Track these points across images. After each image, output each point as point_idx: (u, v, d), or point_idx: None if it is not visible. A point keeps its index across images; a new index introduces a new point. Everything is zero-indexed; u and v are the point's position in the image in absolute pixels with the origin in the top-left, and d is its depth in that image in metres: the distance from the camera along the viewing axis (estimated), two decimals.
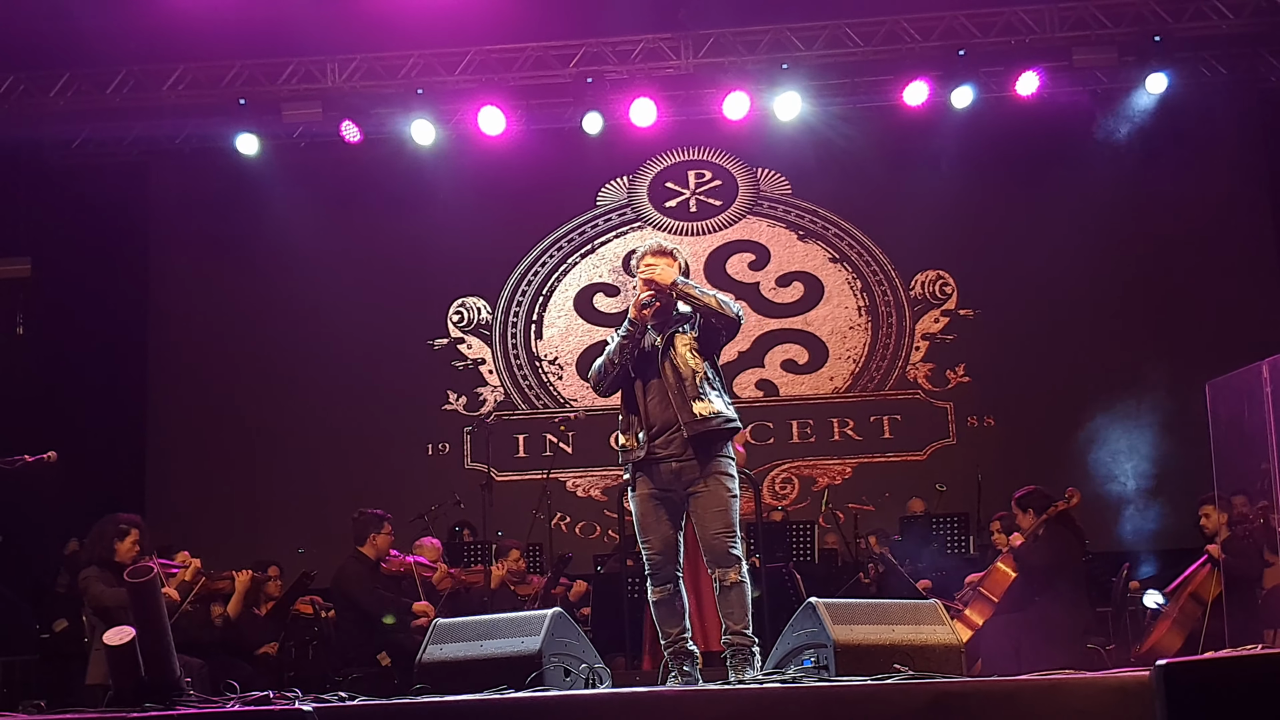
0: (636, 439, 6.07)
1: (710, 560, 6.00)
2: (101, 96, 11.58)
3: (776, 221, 13.12)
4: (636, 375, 6.12)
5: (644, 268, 6.12)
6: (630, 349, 6.11)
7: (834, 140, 12.51)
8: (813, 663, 5.59)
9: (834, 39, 11.41)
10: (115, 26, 10.76)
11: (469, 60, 11.55)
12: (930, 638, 5.67)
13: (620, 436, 6.19)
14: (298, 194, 12.55)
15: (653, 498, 6.06)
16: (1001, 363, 12.52)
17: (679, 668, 6.06)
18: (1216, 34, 11.25)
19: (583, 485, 12.77)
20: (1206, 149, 12.01)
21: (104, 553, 7.77)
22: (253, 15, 10.62)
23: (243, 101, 11.65)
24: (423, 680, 5.69)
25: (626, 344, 6.11)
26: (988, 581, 8.78)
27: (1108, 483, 10.48)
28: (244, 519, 12.39)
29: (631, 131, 12.06)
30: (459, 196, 12.53)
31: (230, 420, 12.81)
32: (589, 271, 13.20)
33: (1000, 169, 12.45)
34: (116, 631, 5.31)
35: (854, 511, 11.70)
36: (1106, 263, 12.20)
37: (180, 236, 13.14)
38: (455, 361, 13.09)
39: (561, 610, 6.01)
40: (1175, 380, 10.26)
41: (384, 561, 8.85)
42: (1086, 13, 11.16)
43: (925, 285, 12.92)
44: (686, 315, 6.16)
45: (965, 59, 11.30)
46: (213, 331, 12.98)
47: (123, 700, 5.25)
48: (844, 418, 12.70)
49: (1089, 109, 11.94)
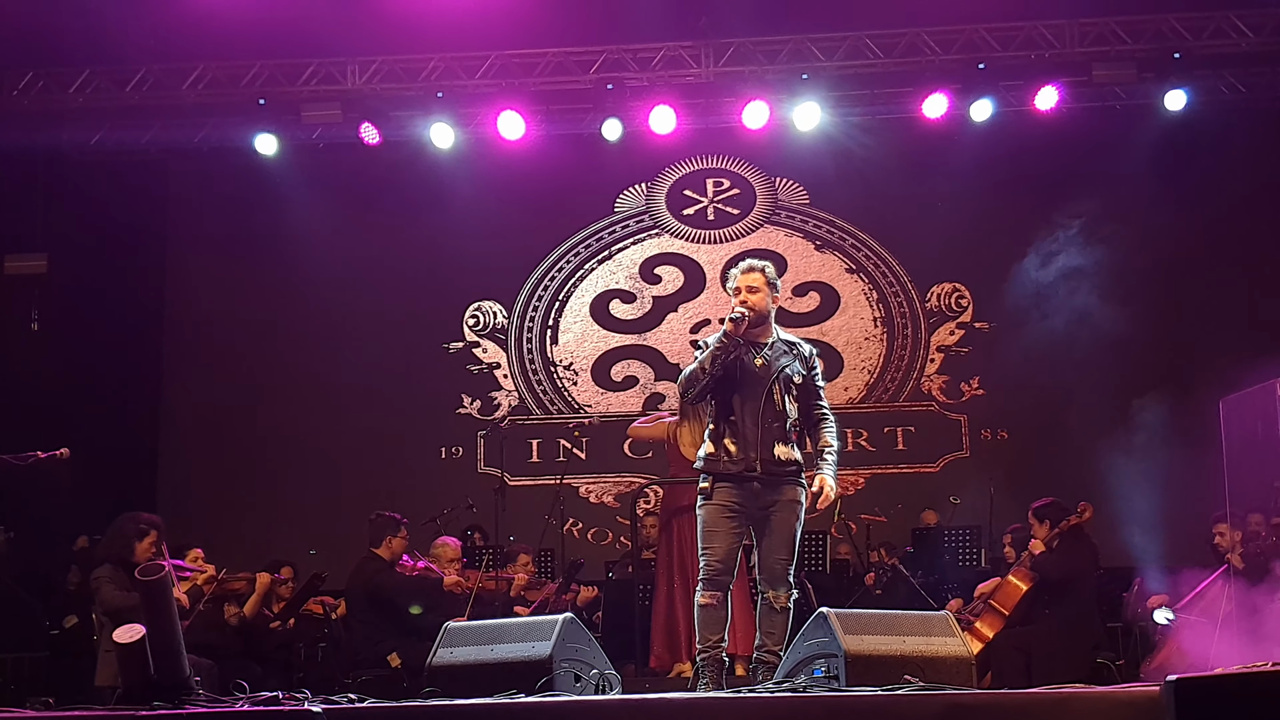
0: (726, 451, 6.25)
1: (766, 581, 6.28)
2: (121, 94, 11.59)
3: (794, 231, 13.12)
4: (737, 391, 6.30)
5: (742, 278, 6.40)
6: (723, 359, 6.27)
7: (853, 151, 12.51)
8: (823, 672, 5.59)
9: (854, 50, 11.40)
10: (136, 25, 10.77)
11: (489, 64, 11.56)
12: (941, 649, 5.67)
13: (708, 444, 6.35)
14: (316, 195, 12.57)
15: (726, 509, 6.25)
16: (1015, 376, 12.46)
17: (710, 674, 6.18)
18: (1236, 52, 11.21)
19: (595, 491, 12.77)
20: (1224, 167, 11.96)
21: (121, 551, 7.76)
22: (273, 15, 10.63)
23: (262, 102, 11.66)
24: (433, 683, 5.70)
25: (720, 354, 6.27)
26: (999, 594, 8.77)
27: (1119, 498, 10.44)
28: (256, 519, 12.41)
29: (650, 138, 12.05)
30: (477, 200, 12.54)
31: (244, 420, 12.84)
32: (606, 278, 13.21)
33: (1018, 183, 12.43)
34: (127, 629, 5.32)
35: (866, 522, 11.69)
36: (1120, 278, 12.15)
37: (197, 236, 13.18)
38: (470, 365, 13.11)
39: (573, 615, 6.02)
40: (1189, 396, 10.23)
41: (397, 565, 8.87)
42: (1107, 29, 11.14)
43: (941, 297, 12.91)
44: (804, 356, 6.44)
45: (985, 72, 11.29)
46: (228, 331, 13.00)
47: (132, 698, 5.27)
48: (858, 428, 12.68)
49: (1107, 124, 11.92)
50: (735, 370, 6.29)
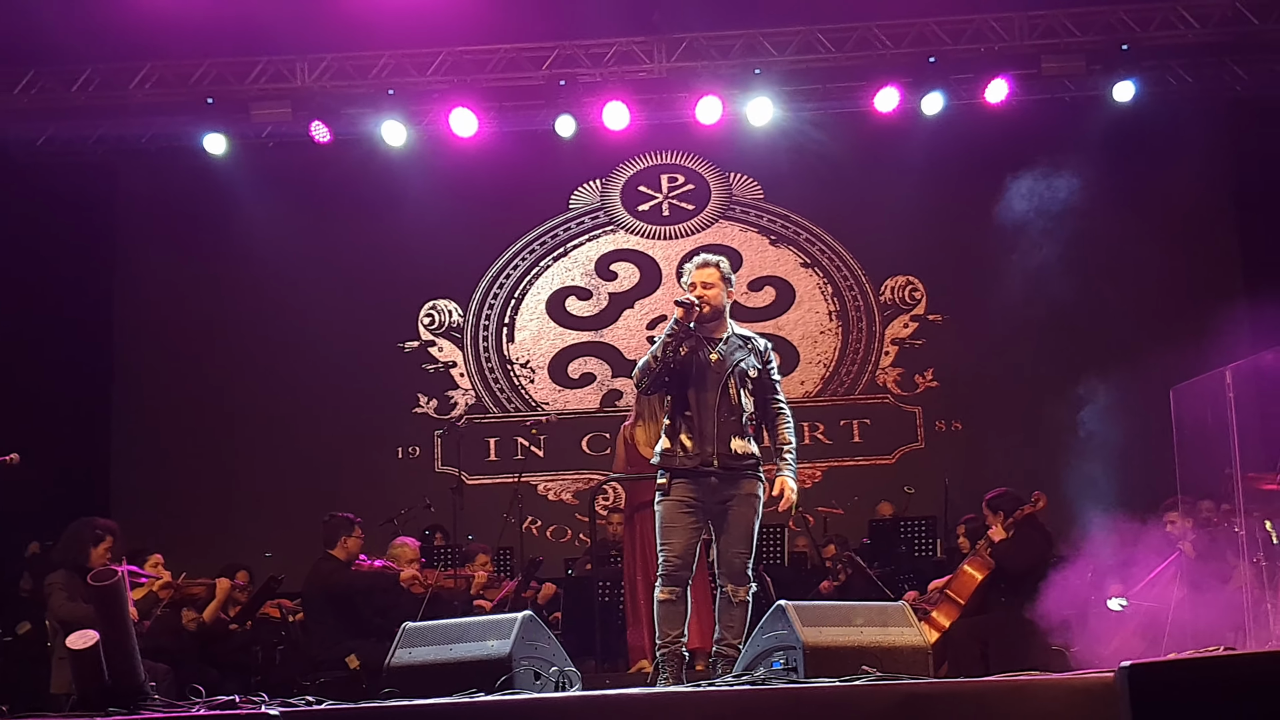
0: (682, 446, 6.27)
1: (725, 574, 6.30)
2: (67, 95, 11.46)
3: (749, 226, 13.15)
4: (692, 386, 6.31)
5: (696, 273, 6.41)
6: (674, 347, 6.27)
7: (806, 145, 12.56)
8: (782, 665, 5.61)
9: (806, 44, 11.43)
10: (81, 24, 10.64)
11: (441, 61, 11.50)
12: (898, 639, 5.71)
13: (664, 440, 6.37)
14: (267, 194, 12.49)
15: (684, 504, 6.27)
16: (969, 368, 12.57)
17: (670, 669, 6.21)
18: (1184, 43, 11.31)
19: (554, 489, 12.75)
20: (1173, 157, 12.08)
21: (76, 557, 7.68)
22: (221, 14, 10.55)
23: (211, 101, 11.55)
24: (392, 684, 5.68)
25: (671, 343, 6.28)
26: (955, 584, 8.83)
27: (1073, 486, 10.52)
28: (209, 522, 12.28)
29: (604, 135, 12.03)
30: (430, 198, 12.50)
31: (196, 422, 12.72)
32: (561, 275, 13.19)
33: (969, 175, 12.46)
34: (80, 635, 5.28)
35: (823, 515, 11.74)
36: (1072, 268, 12.24)
37: (147, 237, 13.05)
38: (426, 364, 13.06)
39: (532, 613, 6.01)
40: (1141, 385, 10.30)
41: (353, 565, 8.82)
42: (1055, 21, 11.21)
43: (895, 290, 12.98)
44: (759, 350, 6.44)
45: (935, 66, 11.34)
46: (179, 334, 12.88)
47: (87, 705, 5.23)
48: (814, 422, 12.72)
49: (1057, 116, 12.00)
50: (690, 365, 6.30)
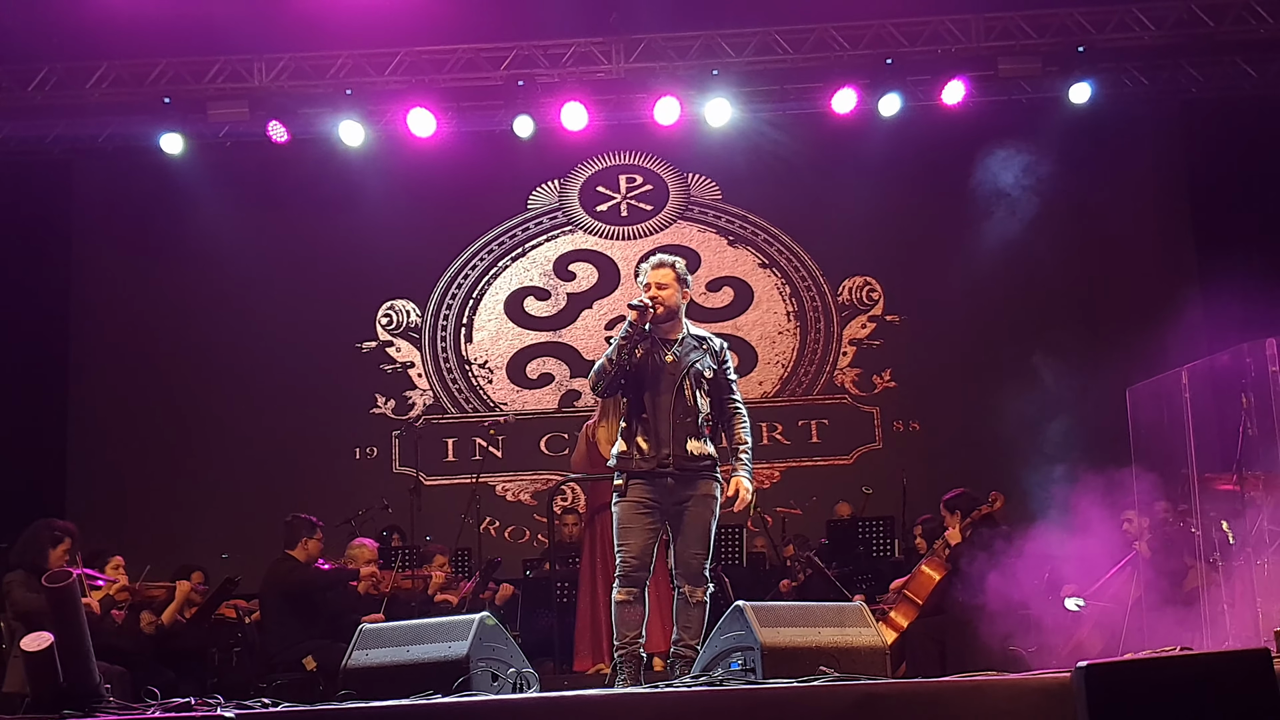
0: (638, 449, 6.26)
1: (682, 575, 6.28)
2: (24, 94, 11.35)
3: (707, 226, 13.17)
4: (648, 388, 6.30)
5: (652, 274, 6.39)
6: (629, 349, 6.26)
7: (764, 146, 12.59)
8: (740, 665, 5.61)
9: (763, 45, 11.45)
10: (37, 23, 10.57)
11: (399, 61, 11.46)
12: (856, 640, 5.72)
13: (620, 442, 6.35)
14: (224, 194, 12.42)
15: (641, 506, 6.26)
16: (927, 368, 12.64)
17: (627, 670, 6.20)
18: (1139, 45, 11.39)
19: (512, 490, 12.73)
20: (1128, 158, 12.20)
21: (35, 558, 7.66)
22: (178, 13, 10.49)
23: (168, 100, 11.46)
24: (348, 686, 5.65)
25: (625, 345, 6.27)
26: (913, 584, 8.86)
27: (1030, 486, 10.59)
28: (166, 522, 12.17)
29: (562, 135, 12.02)
30: (388, 198, 12.46)
31: (153, 423, 12.63)
32: (520, 275, 13.17)
33: (927, 177, 12.56)
34: (34, 637, 5.23)
35: (782, 515, 11.77)
36: (1029, 270, 12.34)
37: (104, 236, 12.94)
38: (384, 365, 13.01)
39: (490, 614, 5.99)
40: (1097, 386, 10.40)
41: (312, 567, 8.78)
42: (1012, 23, 11.27)
43: (853, 291, 13.03)
44: (715, 351, 6.43)
45: (892, 67, 11.38)
46: (136, 333, 12.78)
47: (41, 707, 5.18)
48: (773, 422, 12.76)
49: (1014, 118, 12.07)
50: (646, 367, 6.30)
